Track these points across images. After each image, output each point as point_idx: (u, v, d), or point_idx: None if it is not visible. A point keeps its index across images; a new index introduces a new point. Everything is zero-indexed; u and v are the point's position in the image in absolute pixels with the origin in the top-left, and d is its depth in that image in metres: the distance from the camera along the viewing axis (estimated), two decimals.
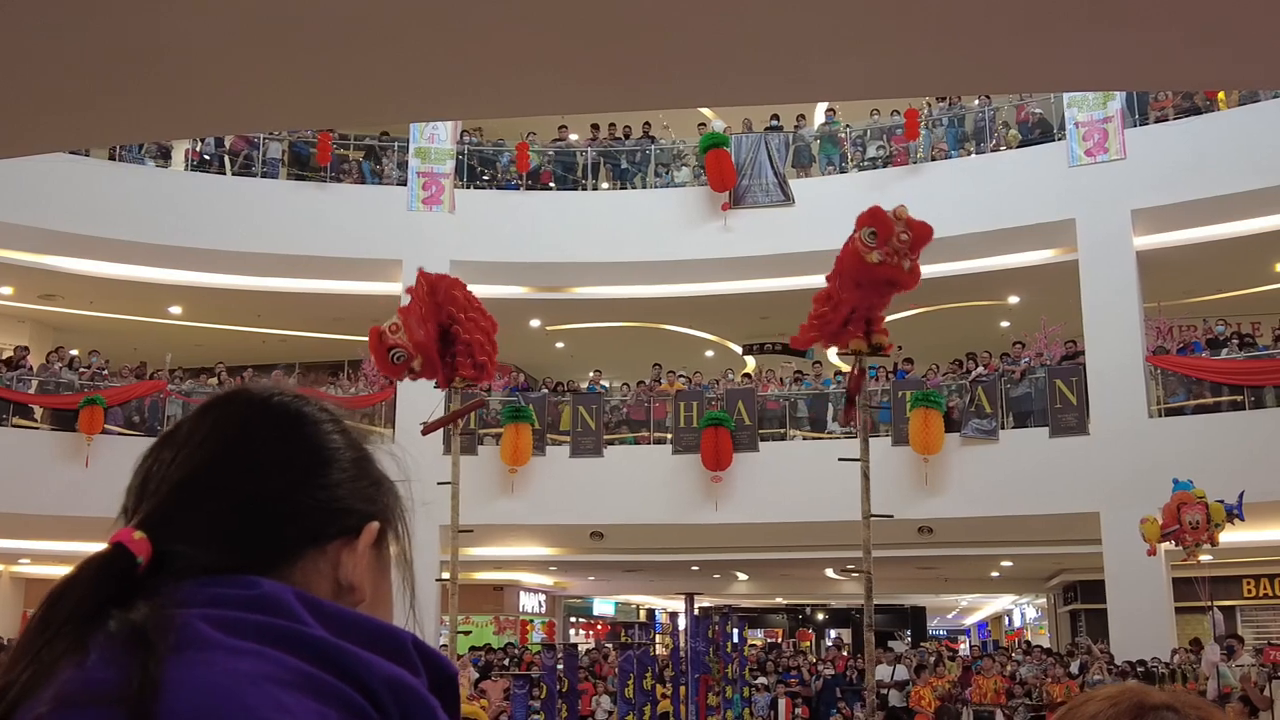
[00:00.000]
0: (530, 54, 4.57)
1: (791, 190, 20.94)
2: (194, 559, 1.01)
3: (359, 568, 1.09)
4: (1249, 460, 16.60)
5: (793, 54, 4.55)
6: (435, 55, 4.59)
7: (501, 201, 21.93)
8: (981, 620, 42.04)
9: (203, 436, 1.10)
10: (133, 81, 4.73)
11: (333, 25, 4.29)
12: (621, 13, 4.24)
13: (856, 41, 4.46)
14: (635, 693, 12.14)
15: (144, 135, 12.42)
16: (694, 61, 4.74)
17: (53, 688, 0.91)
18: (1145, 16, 4.23)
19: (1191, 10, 4.20)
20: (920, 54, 4.55)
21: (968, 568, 25.16)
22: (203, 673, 0.91)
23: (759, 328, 23.58)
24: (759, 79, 5.08)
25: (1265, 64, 4.95)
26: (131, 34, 4.25)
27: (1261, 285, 20.71)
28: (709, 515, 19.55)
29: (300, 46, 4.44)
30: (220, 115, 5.74)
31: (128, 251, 20.23)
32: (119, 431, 20.06)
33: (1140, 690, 1.32)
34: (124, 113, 5.25)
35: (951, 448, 18.78)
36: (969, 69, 5.06)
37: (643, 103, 8.24)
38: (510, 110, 7.11)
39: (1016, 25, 4.28)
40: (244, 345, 23.74)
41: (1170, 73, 5.38)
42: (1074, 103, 19.21)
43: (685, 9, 4.23)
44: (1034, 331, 19.94)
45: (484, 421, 20.55)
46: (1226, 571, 20.12)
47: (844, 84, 5.50)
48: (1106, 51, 4.66)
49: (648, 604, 35.44)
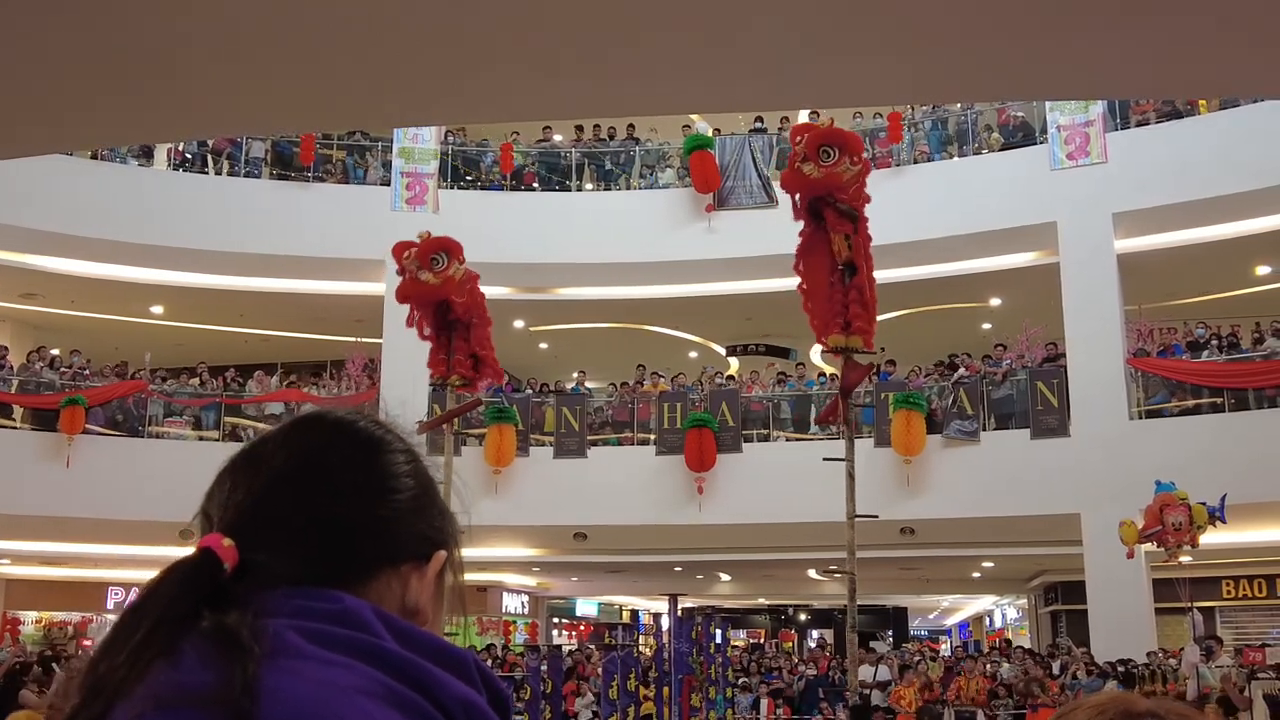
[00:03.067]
0: (514, 59, 4.58)
1: (775, 192, 20.98)
2: (276, 570, 1.05)
3: (425, 592, 1.14)
4: (1229, 463, 16.72)
5: (772, 60, 4.58)
6: (418, 61, 4.60)
7: (485, 202, 21.91)
8: (963, 621, 42.19)
9: (289, 453, 1.14)
10: (123, 84, 4.73)
11: (316, 30, 4.30)
12: (608, 17, 4.26)
13: (839, 48, 4.49)
14: (619, 694, 12.16)
15: (131, 139, 12.40)
16: (678, 67, 4.76)
17: (148, 687, 0.93)
18: (1128, 25, 4.27)
19: (1175, 19, 4.24)
20: (900, 61, 4.58)
21: (949, 568, 25.26)
22: (297, 681, 0.94)
23: (743, 329, 23.63)
24: (740, 85, 5.10)
25: (1248, 71, 5.00)
26: (119, 38, 4.25)
27: (1242, 288, 20.85)
28: (692, 516, 19.58)
29: (287, 51, 4.44)
30: (207, 118, 5.75)
31: (109, 251, 20.15)
32: (100, 431, 19.97)
33: (1126, 699, 1.35)
34: (114, 116, 5.25)
35: (933, 449, 18.86)
36: (952, 76, 5.10)
37: (628, 109, 8.25)
38: (490, 116, 7.13)
39: (998, 32, 4.32)
40: (226, 345, 23.66)
41: (1153, 81, 5.42)
42: (1056, 106, 19.31)
43: (668, 16, 4.25)
44: (1016, 334, 20.04)
45: (468, 422, 20.53)
46: (1206, 573, 20.26)
47: (827, 91, 5.53)
48: (1090, 59, 4.70)
49: (631, 605, 35.43)
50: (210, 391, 21.23)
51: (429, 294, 13.24)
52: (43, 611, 25.14)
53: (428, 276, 13.05)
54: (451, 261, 13.45)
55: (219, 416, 20.91)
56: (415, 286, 13.09)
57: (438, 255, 13.05)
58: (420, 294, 13.22)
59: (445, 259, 13.35)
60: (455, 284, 13.60)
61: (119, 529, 20.06)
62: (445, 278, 13.32)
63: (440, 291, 13.32)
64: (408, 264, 13.09)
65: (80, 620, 25.37)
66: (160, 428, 20.87)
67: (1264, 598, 22.20)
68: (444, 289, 13.28)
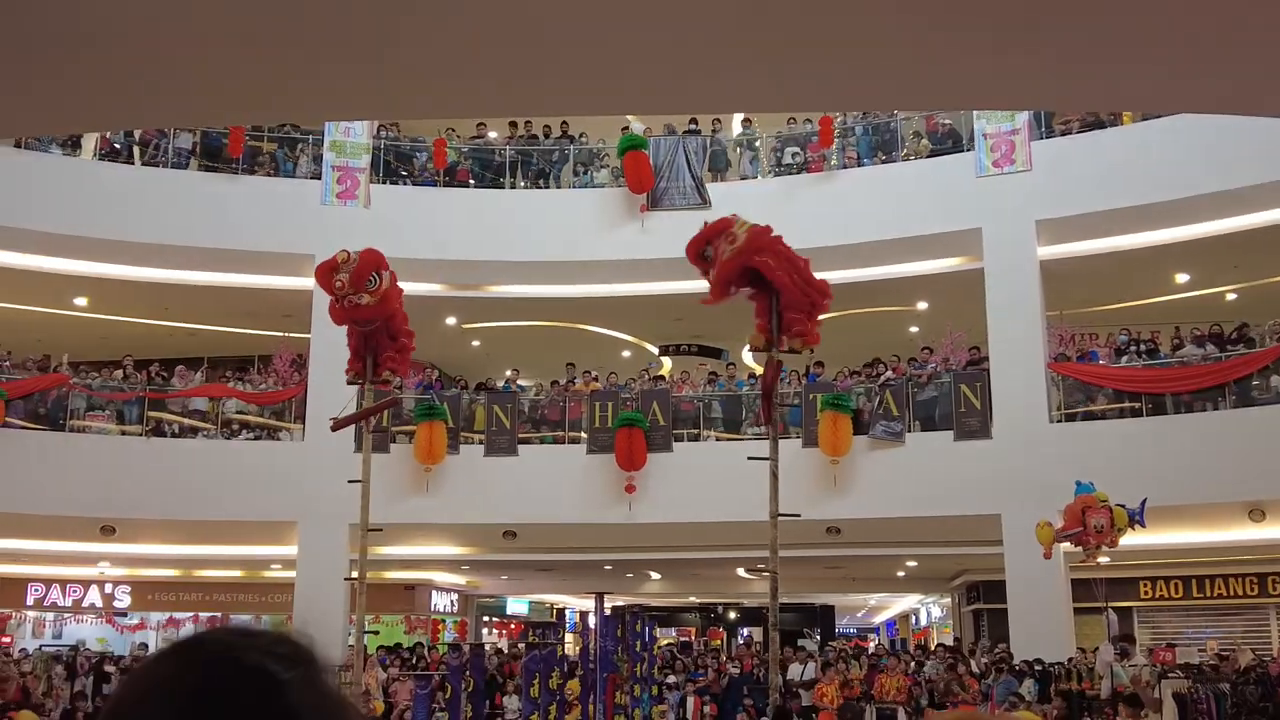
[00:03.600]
0: (441, 57, 4.61)
1: (708, 193, 21.11)
2: None
3: None
4: (1147, 466, 17.15)
5: (694, 67, 4.65)
6: (349, 56, 4.61)
7: (418, 198, 21.80)
8: (890, 619, 42.69)
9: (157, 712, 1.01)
10: (60, 69, 4.68)
11: (247, 21, 4.30)
12: (538, 20, 4.30)
13: (755, 56, 4.57)
14: (540, 692, 12.20)
15: (66, 126, 12.18)
16: (605, 70, 4.81)
17: None
18: (1057, 38, 4.38)
19: (1108, 33, 4.36)
20: (816, 68, 4.68)
21: (874, 567, 25.57)
22: None
23: (675, 329, 23.73)
24: (666, 89, 5.17)
25: (1184, 85, 5.14)
26: (56, 19, 4.22)
27: (1161, 295, 21.35)
28: (622, 515, 19.65)
29: (219, 40, 4.43)
30: (136, 107, 5.69)
31: (32, 241, 19.78)
32: (21, 425, 19.62)
33: (978, 716, 1.43)
34: (50, 102, 5.18)
35: (860, 450, 19.10)
36: (875, 83, 5.20)
37: (556, 109, 8.29)
38: (413, 112, 7.12)
39: (916, 42, 4.42)
40: (152, 338, 23.31)
41: (1081, 93, 5.57)
42: (982, 115, 19.63)
43: (601, 19, 4.30)
44: (941, 337, 20.36)
45: (398, 419, 20.44)
46: (1123, 573, 20.70)
47: (750, 96, 5.62)
48: (1013, 71, 4.82)
49: (561, 603, 35.43)
50: (134, 385, 20.93)
51: (369, 315, 13.00)
52: None
53: (366, 299, 12.78)
54: (382, 277, 13.16)
55: (143, 411, 20.62)
56: (355, 312, 12.85)
57: (372, 276, 12.77)
58: (362, 318, 12.98)
59: (378, 277, 13.05)
60: (391, 296, 13.42)
61: (40, 524, 19.73)
62: (381, 295, 13.08)
63: (380, 311, 13.11)
64: (342, 291, 12.74)
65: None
66: (83, 422, 20.54)
67: (1180, 598, 22.72)
68: (383, 306, 13.07)
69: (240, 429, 21.17)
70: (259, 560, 23.33)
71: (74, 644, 22.52)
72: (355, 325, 12.75)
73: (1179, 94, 5.67)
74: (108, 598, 25.28)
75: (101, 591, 25.23)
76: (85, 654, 19.69)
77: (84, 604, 25.31)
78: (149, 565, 24.00)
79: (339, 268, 12.24)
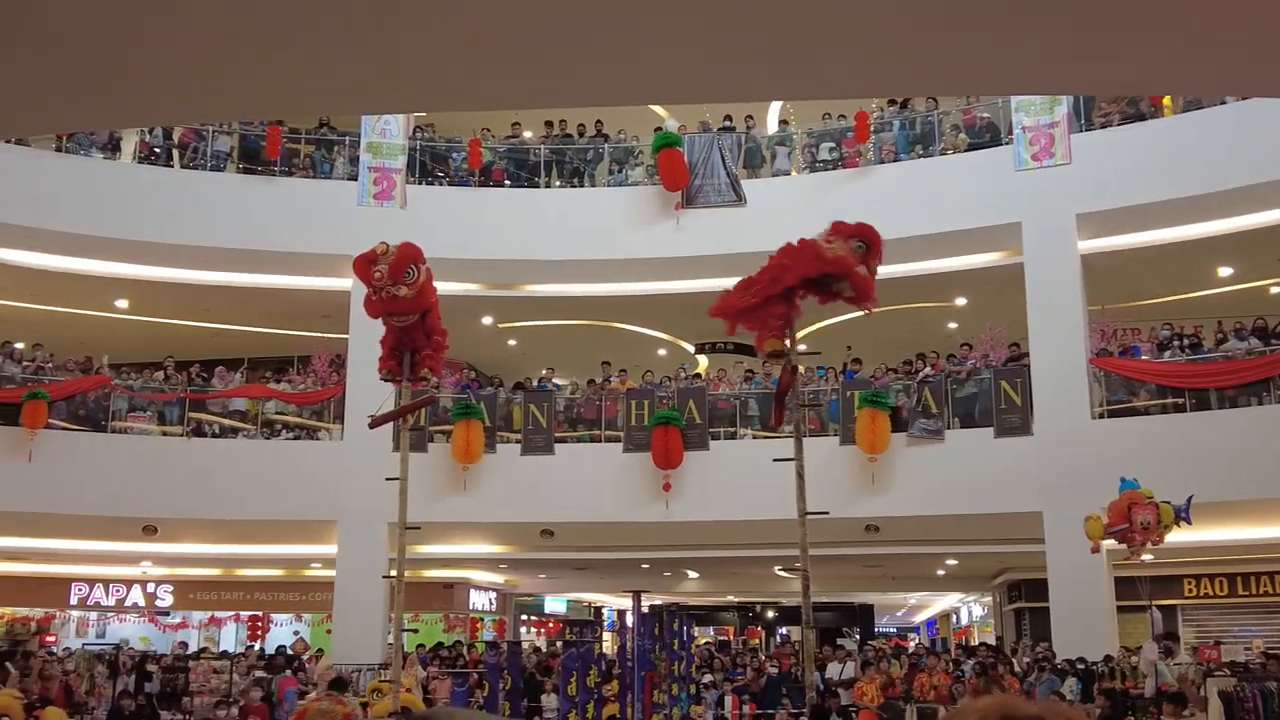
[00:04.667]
0: (468, 47, 4.58)
1: (743, 190, 21.04)
2: None
3: None
4: (1190, 462, 16.90)
5: (726, 55, 4.61)
6: (379, 47, 4.59)
7: (454, 198, 21.86)
8: (930, 618, 42.43)
9: None
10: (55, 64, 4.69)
11: (276, 13, 4.29)
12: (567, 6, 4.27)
13: (793, 42, 4.52)
14: (578, 690, 12.18)
15: (88, 123, 12.26)
16: (637, 58, 4.77)
17: None
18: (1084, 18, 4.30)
19: (1132, 14, 4.27)
20: (850, 56, 4.62)
21: (914, 566, 25.40)
22: None
23: (711, 327, 23.58)
24: (698, 77, 5.12)
25: (1211, 68, 5.04)
26: (72, 14, 4.23)
27: (1204, 289, 21.05)
28: (659, 513, 19.62)
29: (245, 35, 4.42)
30: (166, 104, 5.70)
31: (74, 244, 19.99)
32: (63, 426, 19.83)
33: (1011, 703, 1.38)
34: (67, 99, 5.20)
35: (898, 447, 18.96)
36: (901, 70, 5.13)
37: (588, 98, 8.25)
38: (445, 105, 7.11)
39: (942, 25, 4.35)
40: (192, 339, 23.52)
41: (1114, 77, 5.48)
42: (1021, 107, 19.45)
43: (631, 6, 4.26)
44: (980, 333, 20.18)
45: (434, 419, 20.50)
46: (1167, 571, 20.45)
47: (785, 84, 5.56)
48: (1041, 53, 4.74)
49: (599, 602, 35.46)
50: (175, 386, 21.11)
51: (407, 308, 13.03)
52: (5, 607, 24.93)
53: (404, 291, 12.83)
54: (420, 269, 13.25)
55: (183, 412, 20.80)
56: (392, 304, 12.88)
57: (410, 268, 12.84)
58: (399, 310, 13.01)
59: (416, 269, 13.12)
60: (427, 290, 13.47)
61: (82, 524, 19.93)
62: (419, 288, 13.12)
63: (417, 304, 13.14)
64: (380, 283, 12.78)
65: (43, 616, 25.18)
66: (124, 423, 20.74)
67: (1225, 596, 22.41)
68: (420, 300, 13.09)
69: (280, 429, 21.31)
70: (299, 559, 23.49)
71: (116, 643, 22.77)
72: (391, 319, 12.78)
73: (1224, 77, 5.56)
74: (150, 597, 25.54)
75: (144, 591, 25.50)
76: (128, 653, 19.88)
77: (126, 603, 25.58)
78: (190, 565, 24.22)
79: (378, 259, 12.27)
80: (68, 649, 21.68)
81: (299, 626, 25.69)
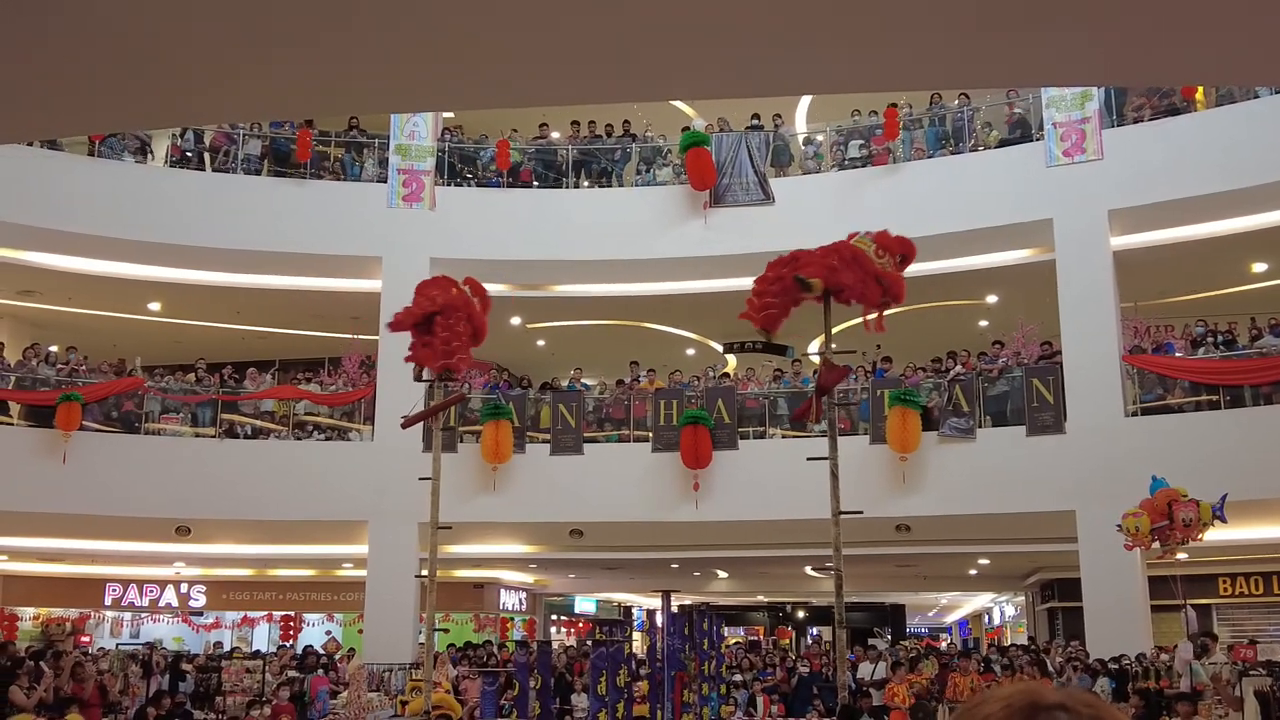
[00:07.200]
0: (497, 45, 4.58)
1: (772, 189, 20.98)
2: None
3: None
4: (1224, 460, 16.71)
5: (755, 48, 4.59)
6: (406, 45, 4.60)
7: (482, 199, 21.92)
8: (962, 618, 42.19)
9: None
10: (110, 70, 4.72)
11: (302, 13, 4.30)
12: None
13: (827, 35, 4.50)
14: (608, 689, 12.18)
15: (122, 124, 12.34)
16: (665, 54, 4.76)
17: None
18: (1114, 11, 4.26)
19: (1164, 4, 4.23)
20: (881, 49, 4.59)
21: (945, 565, 25.26)
22: None
23: (739, 326, 23.54)
24: (725, 73, 5.10)
25: (1245, 59, 4.99)
26: (106, 21, 4.25)
27: (1237, 285, 20.85)
28: (688, 513, 19.58)
29: (273, 35, 4.44)
30: (198, 105, 5.73)
31: (107, 247, 20.17)
32: (97, 428, 19.99)
33: (1035, 691, 1.36)
34: (102, 101, 5.24)
35: (929, 446, 18.86)
36: (936, 63, 5.10)
37: (614, 95, 8.24)
38: (474, 102, 7.10)
39: (974, 20, 4.32)
40: (224, 341, 23.70)
41: (1144, 67, 5.42)
42: (1052, 103, 19.30)
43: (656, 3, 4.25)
44: (1012, 331, 20.04)
45: (464, 419, 20.55)
46: (1201, 570, 20.25)
47: (810, 79, 5.54)
48: (1074, 45, 4.69)
49: (629, 602, 35.47)
50: (207, 388, 21.26)
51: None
52: (40, 607, 25.19)
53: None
54: None
55: (216, 413, 20.94)
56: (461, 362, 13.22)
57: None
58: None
59: None
60: None
61: (116, 525, 20.10)
62: None
63: None
64: None
65: (78, 616, 25.42)
66: (157, 424, 20.91)
67: (1260, 595, 22.19)
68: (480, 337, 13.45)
69: (311, 430, 21.42)
70: (331, 559, 23.60)
71: (149, 642, 22.95)
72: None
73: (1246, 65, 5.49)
74: (183, 597, 25.75)
75: (177, 591, 25.71)
76: (161, 653, 20.03)
77: (160, 603, 25.80)
78: (223, 565, 24.39)
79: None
80: (102, 649, 21.88)
81: (331, 626, 25.82)
